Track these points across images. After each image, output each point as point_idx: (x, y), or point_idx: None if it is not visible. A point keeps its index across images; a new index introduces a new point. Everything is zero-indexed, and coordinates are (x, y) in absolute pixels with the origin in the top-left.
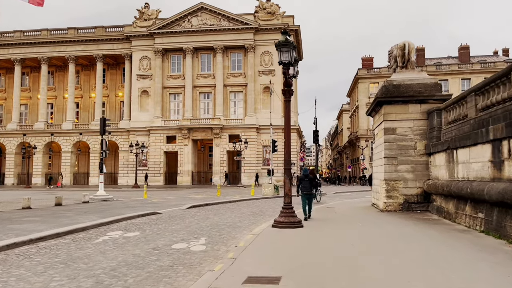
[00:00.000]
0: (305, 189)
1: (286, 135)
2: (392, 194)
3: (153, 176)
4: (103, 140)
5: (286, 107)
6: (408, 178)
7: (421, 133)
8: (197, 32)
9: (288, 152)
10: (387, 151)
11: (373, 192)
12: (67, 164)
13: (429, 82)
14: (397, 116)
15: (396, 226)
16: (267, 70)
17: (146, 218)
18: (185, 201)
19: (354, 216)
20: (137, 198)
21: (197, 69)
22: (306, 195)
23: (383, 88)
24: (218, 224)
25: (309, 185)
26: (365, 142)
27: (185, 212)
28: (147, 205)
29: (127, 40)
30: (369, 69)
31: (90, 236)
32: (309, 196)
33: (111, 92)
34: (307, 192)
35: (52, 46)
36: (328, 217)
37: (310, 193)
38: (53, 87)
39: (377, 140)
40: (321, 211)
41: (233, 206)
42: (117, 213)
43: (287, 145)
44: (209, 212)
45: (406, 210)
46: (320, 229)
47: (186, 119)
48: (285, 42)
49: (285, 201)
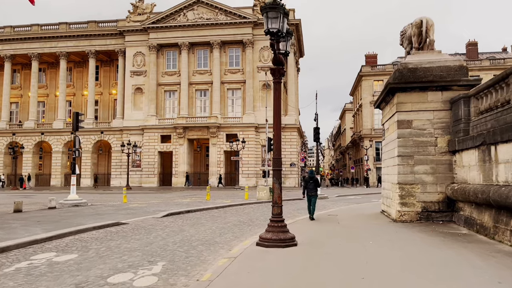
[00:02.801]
0: (310, 190)
1: (276, 127)
2: (408, 200)
3: (147, 177)
4: (76, 138)
5: (275, 91)
6: (427, 181)
7: (443, 127)
8: (193, 26)
9: (278, 149)
10: (401, 149)
11: (383, 198)
12: (58, 164)
13: (452, 65)
14: (414, 106)
15: (420, 246)
16: (267, 66)
17: (103, 231)
18: (168, 206)
19: (361, 228)
20: (115, 203)
21: (193, 65)
22: (311, 196)
23: (396, 72)
24: (191, 239)
25: (314, 187)
26: (369, 142)
27: (157, 221)
28: (121, 211)
29: (120, 35)
30: (373, 66)
31: (6, 260)
32: (314, 197)
33: (104, 90)
34: (312, 193)
35: (42, 42)
36: (329, 229)
37: (315, 194)
38: (44, 84)
39: (387, 136)
40: (322, 220)
41: (220, 213)
42: (76, 223)
43: (277, 140)
44: (186, 221)
45: (424, 220)
46: (318, 249)
47: (182, 118)
48: (273, 5)
49: (274, 212)
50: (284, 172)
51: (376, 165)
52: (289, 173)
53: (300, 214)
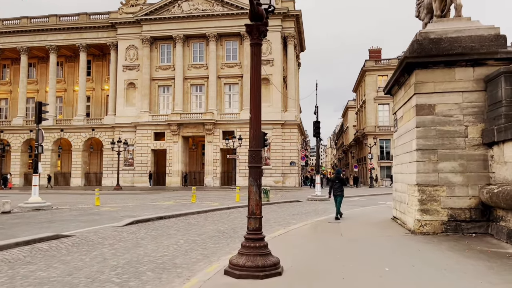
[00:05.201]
0: (335, 190)
1: (254, 106)
2: (430, 207)
3: (139, 176)
4: (39, 131)
5: (254, 56)
6: (454, 182)
7: (475, 112)
8: (188, 18)
9: (256, 136)
10: (421, 141)
11: (395, 201)
12: (47, 163)
13: (486, 34)
14: (437, 86)
15: (459, 276)
16: (265, 60)
17: (29, 248)
18: (144, 210)
19: (371, 243)
20: (86, 206)
21: (189, 59)
22: (337, 196)
23: (414, 44)
24: (142, 261)
25: (339, 186)
26: (373, 139)
27: (114, 232)
28: (82, 217)
29: (112, 28)
30: (377, 61)
31: None
32: (340, 196)
33: (97, 85)
34: (338, 193)
35: (32, 35)
36: (329, 244)
37: (341, 194)
38: (35, 80)
39: (401, 127)
40: (321, 230)
41: (199, 219)
42: (10, 235)
43: (255, 125)
44: (151, 232)
45: (451, 231)
46: (312, 283)
47: (176, 114)
48: None
49: (250, 226)
50: (284, 171)
51: (380, 164)
52: (289, 172)
53: (296, 221)
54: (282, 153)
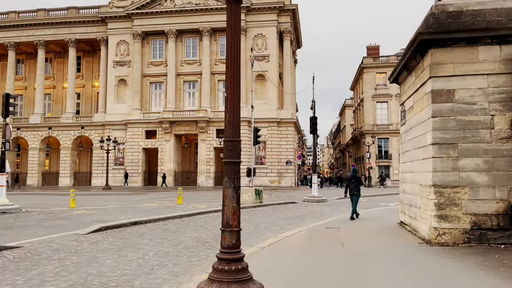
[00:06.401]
0: (352, 189)
1: (231, 79)
2: (449, 212)
3: (130, 176)
4: (6, 126)
5: (230, 15)
6: (478, 182)
7: (503, 99)
8: (181, 12)
9: (232, 122)
10: (437, 134)
11: (402, 204)
12: (34, 162)
13: None
14: (457, 68)
15: None
16: (261, 56)
17: None
18: (122, 213)
19: (381, 259)
20: (59, 209)
21: (181, 54)
22: (353, 195)
23: (430, 18)
24: (91, 284)
25: (356, 185)
26: (371, 138)
27: (73, 243)
28: (48, 222)
29: (102, 22)
30: (375, 58)
31: None
32: (356, 196)
33: (87, 82)
34: (354, 192)
35: (20, 30)
36: (328, 259)
37: (357, 194)
38: (23, 76)
39: (411, 118)
40: (319, 239)
41: (180, 225)
42: None
43: (232, 108)
44: (118, 242)
45: (475, 242)
46: None
47: (168, 111)
48: None
49: (224, 241)
50: (280, 171)
51: (378, 163)
52: (285, 172)
53: (290, 226)
54: (278, 152)
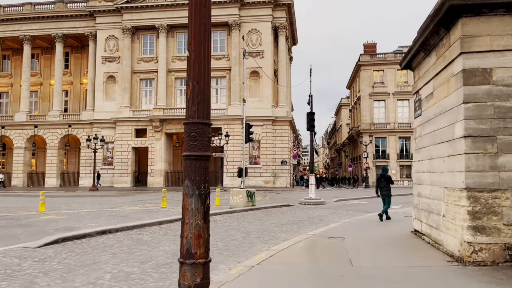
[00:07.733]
0: (381, 189)
1: (195, 30)
2: (487, 222)
3: (119, 176)
4: None
5: None
6: None
7: None
8: (172, 6)
9: (197, 94)
10: (471, 124)
11: (418, 210)
12: (19, 162)
13: None
14: (495, 42)
15: None
16: (255, 52)
17: None
18: (94, 219)
19: (399, 285)
20: (26, 213)
21: (173, 50)
22: (384, 195)
23: None
24: None
25: (386, 185)
26: (368, 137)
27: (14, 260)
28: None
29: (91, 16)
30: (372, 55)
31: None
32: (387, 196)
33: (75, 79)
34: (384, 192)
35: (4, 25)
36: (331, 286)
37: (387, 194)
38: (9, 73)
39: (430, 108)
40: (319, 253)
41: (155, 234)
42: None
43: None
44: (72, 258)
45: None
46: None
47: (159, 109)
48: None
49: (184, 281)
50: (275, 171)
51: (376, 163)
52: (280, 172)
53: (285, 235)
54: (272, 151)
